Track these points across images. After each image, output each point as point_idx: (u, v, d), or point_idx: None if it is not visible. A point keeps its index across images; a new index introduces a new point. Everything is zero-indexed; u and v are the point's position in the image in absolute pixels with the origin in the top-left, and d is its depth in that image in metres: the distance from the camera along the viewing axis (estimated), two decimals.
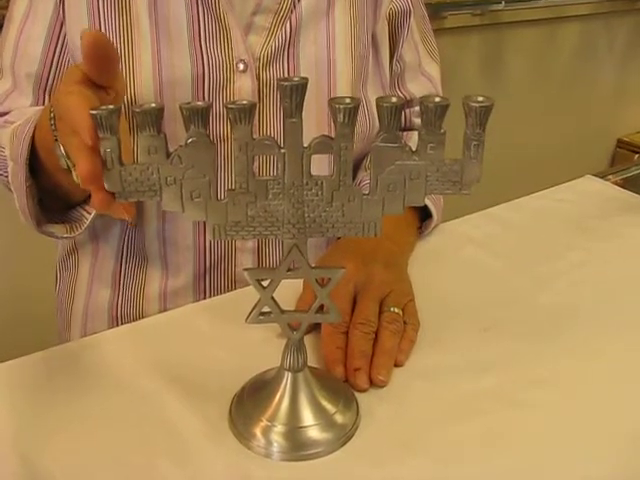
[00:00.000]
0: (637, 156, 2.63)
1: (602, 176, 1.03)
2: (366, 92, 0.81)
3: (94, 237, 0.81)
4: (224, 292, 0.76)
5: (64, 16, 0.73)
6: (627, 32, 2.79)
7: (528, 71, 2.49)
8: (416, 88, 0.89)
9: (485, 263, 0.76)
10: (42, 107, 0.68)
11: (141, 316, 0.78)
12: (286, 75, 0.72)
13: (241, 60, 0.70)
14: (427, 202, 0.78)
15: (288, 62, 0.72)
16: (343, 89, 0.76)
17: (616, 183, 1.02)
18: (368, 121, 0.80)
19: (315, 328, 0.59)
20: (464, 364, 0.58)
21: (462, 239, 0.81)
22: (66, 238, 0.72)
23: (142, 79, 0.70)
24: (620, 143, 2.73)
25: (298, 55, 0.73)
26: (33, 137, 0.62)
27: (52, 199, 0.68)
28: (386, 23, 0.83)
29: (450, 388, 0.55)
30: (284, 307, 0.48)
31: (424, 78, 0.91)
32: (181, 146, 0.42)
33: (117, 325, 0.78)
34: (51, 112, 0.56)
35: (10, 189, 0.69)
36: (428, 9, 1.98)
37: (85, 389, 0.54)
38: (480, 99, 0.42)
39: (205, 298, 0.77)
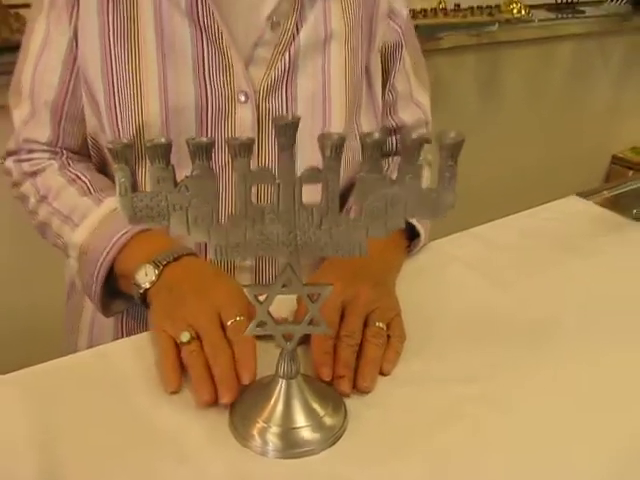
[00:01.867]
0: (632, 172, 2.68)
1: (590, 194, 1.08)
2: (359, 120, 0.87)
3: None
4: None
5: (77, 48, 0.79)
6: (621, 51, 2.85)
7: (523, 89, 2.55)
8: (408, 116, 0.95)
9: (470, 280, 0.81)
10: (97, 219, 0.76)
11: (146, 329, 0.83)
12: (285, 105, 0.78)
13: (242, 91, 0.76)
14: (415, 223, 0.82)
15: (286, 93, 0.78)
16: (338, 118, 0.81)
17: (606, 201, 1.08)
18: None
19: (306, 340, 0.64)
20: (448, 373, 0.63)
21: (449, 257, 0.86)
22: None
23: (149, 107, 0.76)
24: (615, 159, 2.78)
25: (296, 86, 0.78)
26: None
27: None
28: (379, 55, 0.89)
29: (434, 395, 0.60)
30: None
31: (415, 106, 0.96)
32: (187, 177, 0.47)
33: (122, 337, 0.83)
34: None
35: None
36: (425, 30, 2.04)
37: (95, 393, 0.60)
38: (452, 135, 0.47)
39: None
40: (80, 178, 0.82)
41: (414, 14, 1.99)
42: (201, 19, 0.75)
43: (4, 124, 1.42)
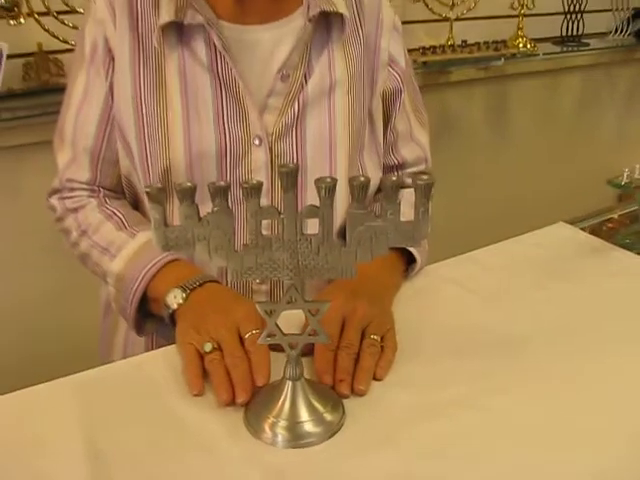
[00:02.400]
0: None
1: (577, 222, 1.18)
2: (362, 159, 0.97)
3: None
4: None
5: (112, 100, 0.91)
6: (627, 81, 2.94)
7: (531, 120, 2.64)
8: (408, 154, 1.05)
9: (462, 299, 0.90)
10: (133, 250, 0.88)
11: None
12: (294, 147, 0.89)
13: (257, 136, 0.87)
14: (412, 249, 0.93)
15: (296, 136, 0.89)
16: (342, 158, 0.92)
17: (592, 227, 1.17)
18: None
19: (310, 351, 0.74)
20: (434, 379, 0.73)
21: (443, 280, 0.95)
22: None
23: (176, 151, 0.87)
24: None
25: (305, 130, 0.89)
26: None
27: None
28: (380, 100, 0.99)
29: (421, 397, 0.70)
30: (286, 331, 0.64)
31: (415, 145, 1.06)
32: (209, 213, 0.58)
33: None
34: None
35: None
36: (435, 66, 2.16)
37: (131, 395, 0.71)
38: (425, 177, 0.58)
39: None
40: (116, 214, 0.94)
41: (424, 51, 2.11)
42: (220, 73, 0.87)
43: (44, 157, 1.58)
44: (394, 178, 0.58)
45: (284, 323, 0.64)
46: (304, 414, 0.65)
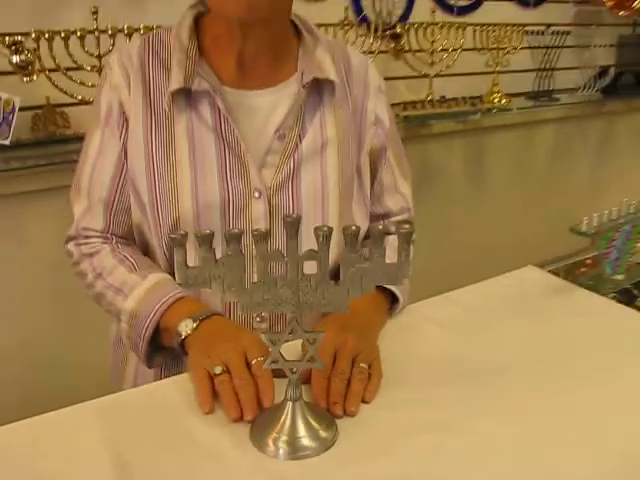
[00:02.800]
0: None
1: (546, 264, 1.29)
2: (352, 209, 1.08)
3: None
4: None
5: (126, 157, 1.02)
6: (597, 133, 3.12)
7: (507, 169, 2.79)
8: (393, 204, 1.16)
9: (441, 335, 1.01)
10: (145, 289, 0.98)
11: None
12: (291, 200, 1.00)
13: (256, 189, 0.98)
14: (395, 290, 1.03)
15: (292, 190, 1.00)
16: (334, 209, 1.03)
17: (559, 270, 1.29)
18: None
19: (308, 380, 0.83)
20: (418, 401, 0.83)
21: (424, 318, 1.06)
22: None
23: (184, 204, 0.98)
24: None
25: (299, 184, 1.01)
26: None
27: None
28: (367, 156, 1.11)
29: (406, 416, 0.80)
30: (288, 358, 0.74)
31: (399, 196, 1.17)
32: (224, 256, 0.69)
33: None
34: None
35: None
36: (416, 119, 2.31)
37: (148, 416, 0.80)
38: (406, 226, 0.69)
39: None
40: (127, 259, 1.03)
41: (405, 106, 2.27)
42: (224, 134, 0.98)
43: (48, 203, 1.69)
44: (380, 227, 0.69)
45: (284, 352, 0.74)
46: (302, 431, 0.74)
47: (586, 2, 2.88)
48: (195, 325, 0.89)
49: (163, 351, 0.98)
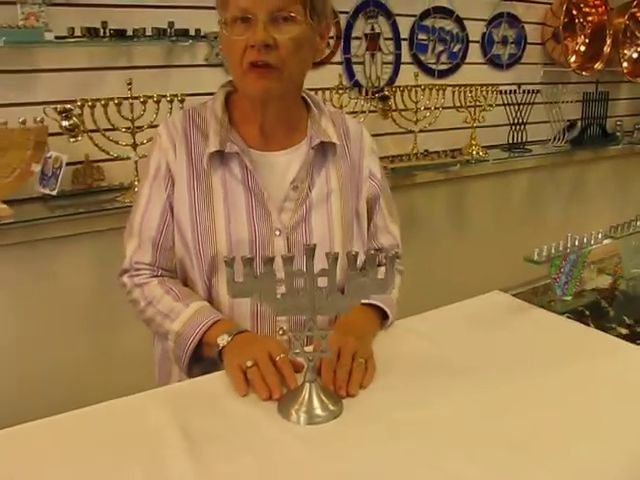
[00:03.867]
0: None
1: (510, 289, 1.57)
2: (352, 244, 1.34)
3: None
4: None
5: (171, 207, 1.28)
6: (568, 179, 3.42)
7: (486, 214, 3.07)
8: (384, 241, 1.43)
9: (420, 343, 1.27)
10: (189, 315, 1.23)
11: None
12: (305, 238, 1.27)
13: (277, 229, 1.26)
14: (386, 309, 1.29)
15: (304, 229, 1.27)
16: (338, 243, 1.30)
17: (521, 294, 1.56)
18: None
19: (319, 372, 1.09)
20: (403, 387, 1.08)
21: (407, 330, 1.32)
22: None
23: (220, 241, 1.24)
24: None
25: (310, 224, 1.28)
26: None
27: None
28: (364, 203, 1.39)
29: (392, 397, 1.05)
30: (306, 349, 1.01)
31: (389, 235, 1.45)
32: (261, 274, 0.96)
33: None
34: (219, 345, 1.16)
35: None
36: (403, 170, 2.61)
37: (202, 401, 1.06)
38: (392, 252, 0.97)
39: None
40: (172, 290, 1.28)
41: (393, 159, 2.57)
42: (250, 186, 1.26)
43: (80, 245, 1.96)
44: (372, 252, 0.97)
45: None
46: (317, 404, 1.00)
47: (553, 64, 3.23)
48: (230, 338, 1.16)
49: (201, 363, 1.24)
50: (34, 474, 0.90)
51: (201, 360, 1.23)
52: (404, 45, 2.77)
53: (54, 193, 1.91)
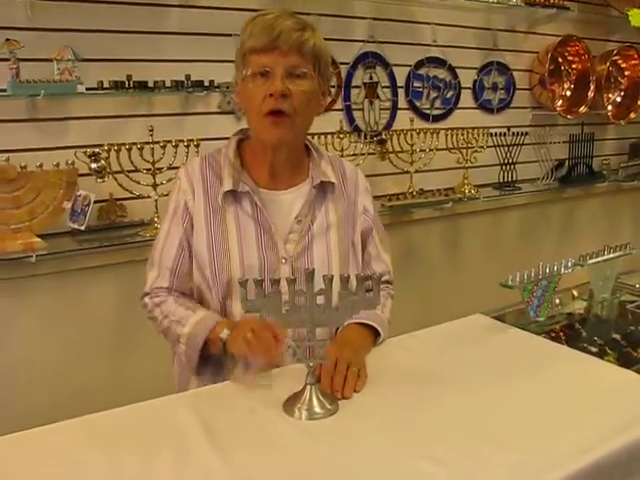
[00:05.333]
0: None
1: (490, 313, 1.75)
2: (348, 270, 1.53)
3: None
4: None
5: (188, 238, 1.48)
6: (558, 216, 3.59)
7: (479, 249, 3.23)
8: (377, 268, 1.62)
9: (405, 356, 1.46)
10: (197, 319, 1.43)
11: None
12: (307, 265, 1.46)
13: (283, 257, 1.45)
14: (378, 327, 1.48)
15: (307, 258, 1.47)
16: (335, 270, 1.48)
17: (500, 317, 1.74)
18: None
19: (318, 379, 1.28)
20: (390, 393, 1.26)
21: (396, 346, 1.51)
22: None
23: (234, 268, 1.43)
24: None
25: (312, 254, 1.47)
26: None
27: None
28: (359, 235, 1.59)
29: (381, 400, 1.24)
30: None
31: (382, 262, 1.64)
32: (269, 293, 1.16)
33: None
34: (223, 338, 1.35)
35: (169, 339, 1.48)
36: (400, 208, 2.81)
37: (224, 401, 1.25)
38: (378, 274, 1.17)
39: None
40: (185, 303, 1.48)
41: (390, 197, 2.76)
42: (260, 221, 1.46)
43: (105, 276, 2.16)
44: (362, 275, 1.17)
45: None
46: (316, 403, 1.19)
47: (540, 108, 3.44)
48: (229, 331, 1.36)
49: (209, 364, 1.42)
50: (70, 469, 1.05)
51: (209, 360, 1.42)
52: (400, 92, 2.95)
53: (82, 228, 2.11)
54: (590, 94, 3.43)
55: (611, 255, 1.86)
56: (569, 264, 1.75)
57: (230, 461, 1.05)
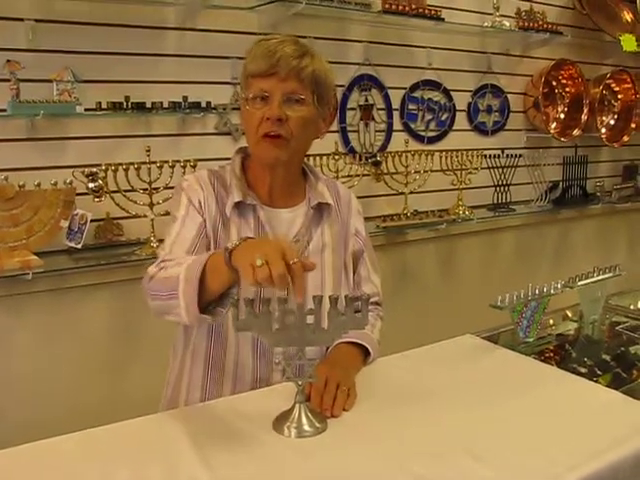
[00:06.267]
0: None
1: (479, 333, 1.77)
2: (340, 290, 1.56)
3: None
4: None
5: (207, 227, 1.46)
6: (552, 237, 3.62)
7: (474, 269, 3.25)
8: (367, 289, 1.65)
9: (395, 374, 1.48)
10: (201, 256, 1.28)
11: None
12: None
13: None
14: (368, 347, 1.51)
15: None
16: (328, 289, 1.51)
17: (488, 337, 1.76)
18: None
19: (308, 398, 1.29)
20: (379, 411, 1.29)
21: (386, 364, 1.54)
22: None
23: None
24: None
25: (307, 273, 1.50)
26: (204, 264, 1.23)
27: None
28: (351, 256, 1.62)
29: (369, 419, 1.26)
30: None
31: (372, 284, 1.67)
32: (260, 312, 1.18)
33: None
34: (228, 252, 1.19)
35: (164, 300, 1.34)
36: (394, 229, 2.83)
37: (213, 417, 1.27)
38: (366, 295, 1.19)
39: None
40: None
41: (385, 218, 2.79)
42: (260, 235, 1.47)
43: (101, 294, 2.16)
44: (350, 296, 1.19)
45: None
46: (305, 422, 1.21)
47: (534, 130, 3.48)
48: (239, 242, 1.19)
49: (209, 310, 1.27)
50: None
51: (208, 308, 1.27)
52: (395, 114, 2.99)
53: (79, 246, 2.14)
54: (584, 117, 3.47)
55: (600, 277, 1.88)
56: (558, 286, 1.77)
57: (218, 477, 1.07)
